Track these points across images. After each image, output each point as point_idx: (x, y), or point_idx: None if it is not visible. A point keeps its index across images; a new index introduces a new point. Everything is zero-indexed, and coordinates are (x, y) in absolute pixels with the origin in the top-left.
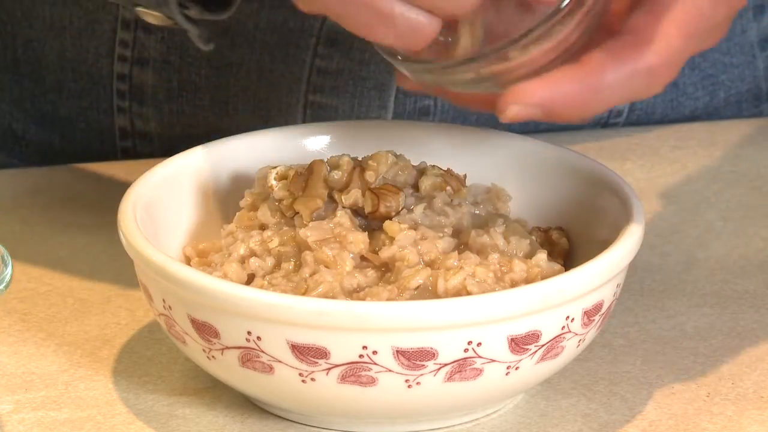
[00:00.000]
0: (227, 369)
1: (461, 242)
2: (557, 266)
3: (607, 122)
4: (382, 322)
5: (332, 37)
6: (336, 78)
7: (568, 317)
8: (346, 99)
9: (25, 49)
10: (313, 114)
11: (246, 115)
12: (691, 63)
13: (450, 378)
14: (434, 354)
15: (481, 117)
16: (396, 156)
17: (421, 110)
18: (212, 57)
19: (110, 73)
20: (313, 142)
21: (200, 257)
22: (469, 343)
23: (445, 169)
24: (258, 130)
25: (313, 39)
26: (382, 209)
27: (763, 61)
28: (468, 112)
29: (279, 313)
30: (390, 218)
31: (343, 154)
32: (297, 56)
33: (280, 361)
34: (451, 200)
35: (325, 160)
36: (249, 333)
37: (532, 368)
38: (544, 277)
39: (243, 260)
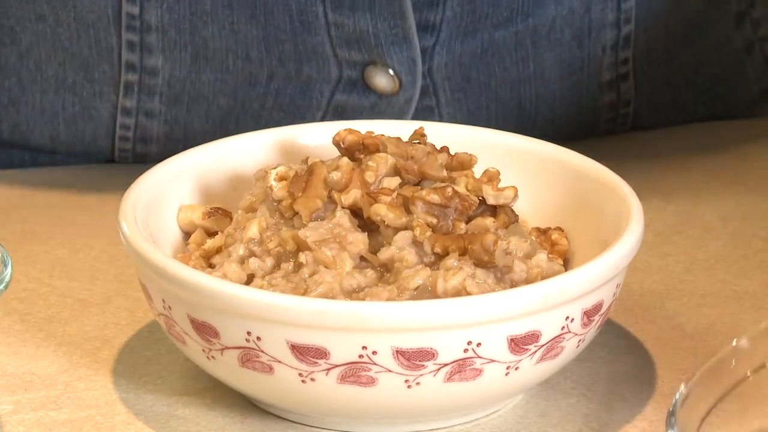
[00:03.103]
0: (227, 369)
1: None
2: (557, 266)
3: (612, 132)
4: (381, 323)
5: (339, 110)
6: None
7: (567, 317)
8: None
9: (12, 132)
10: None
11: None
12: (686, 81)
13: (450, 378)
14: (434, 354)
15: (482, 117)
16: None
17: (425, 108)
18: (216, 132)
19: (110, 148)
20: (312, 143)
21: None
22: (469, 343)
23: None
24: (257, 131)
25: (320, 112)
26: None
27: (750, 65)
28: (472, 113)
29: (279, 314)
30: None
31: (343, 156)
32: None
33: (279, 362)
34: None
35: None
36: (249, 333)
37: (532, 368)
38: (544, 278)
39: (242, 260)
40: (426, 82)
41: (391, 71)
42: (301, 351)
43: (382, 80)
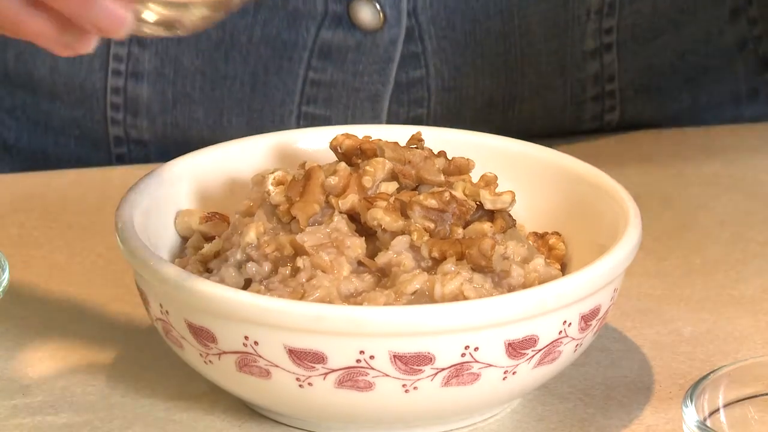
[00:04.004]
0: (224, 374)
1: None
2: (554, 271)
3: (600, 128)
4: (379, 327)
5: (325, 50)
6: (329, 89)
7: (565, 322)
8: (339, 110)
9: (16, 62)
10: (307, 124)
11: (240, 127)
12: (672, 67)
13: (447, 383)
14: (431, 359)
15: (469, 74)
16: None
17: (414, 119)
18: (206, 69)
19: (104, 86)
20: (309, 147)
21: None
22: (466, 347)
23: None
24: (254, 135)
25: (306, 52)
26: None
27: (742, 62)
28: (461, 118)
29: (276, 318)
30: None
31: (341, 160)
32: (290, 69)
33: (277, 366)
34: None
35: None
36: (246, 338)
37: (530, 373)
38: (541, 282)
39: (240, 265)
40: (411, 23)
41: (376, 5)
42: (298, 355)
43: (367, 14)
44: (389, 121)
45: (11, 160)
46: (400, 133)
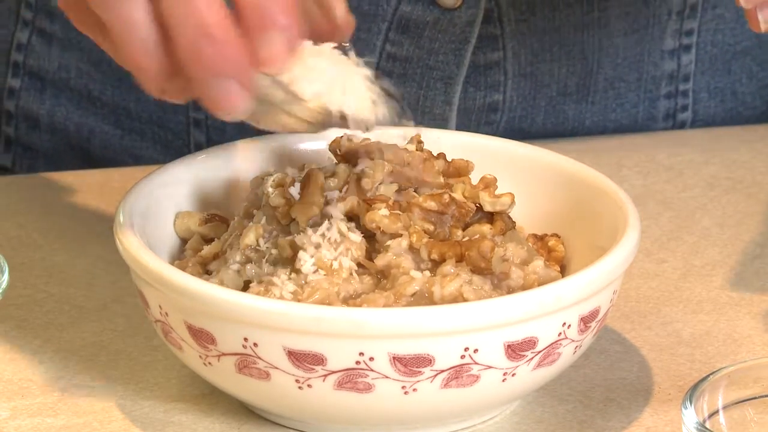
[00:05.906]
0: (224, 375)
1: None
2: (554, 273)
3: (673, 128)
4: (378, 329)
5: (404, 23)
6: (404, 65)
7: (564, 324)
8: (412, 89)
9: None
10: None
11: None
12: (749, 72)
13: (446, 384)
14: (431, 360)
15: (546, 60)
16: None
17: (490, 106)
18: None
19: None
20: (309, 149)
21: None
22: (466, 349)
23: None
24: (254, 137)
25: (385, 24)
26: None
27: None
28: (536, 107)
29: (275, 320)
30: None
31: (340, 162)
32: (368, 40)
33: (276, 368)
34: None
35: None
36: (245, 339)
37: (529, 375)
38: (540, 284)
39: (239, 267)
40: (491, 5)
41: None
42: (297, 357)
43: None
44: (465, 107)
45: (96, 112)
46: (399, 135)
